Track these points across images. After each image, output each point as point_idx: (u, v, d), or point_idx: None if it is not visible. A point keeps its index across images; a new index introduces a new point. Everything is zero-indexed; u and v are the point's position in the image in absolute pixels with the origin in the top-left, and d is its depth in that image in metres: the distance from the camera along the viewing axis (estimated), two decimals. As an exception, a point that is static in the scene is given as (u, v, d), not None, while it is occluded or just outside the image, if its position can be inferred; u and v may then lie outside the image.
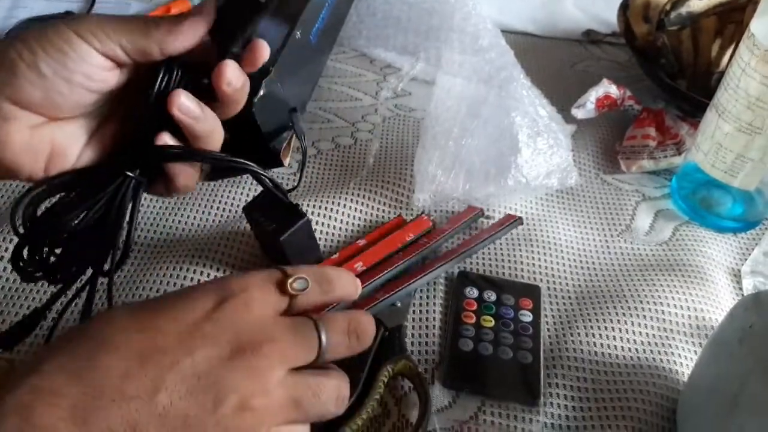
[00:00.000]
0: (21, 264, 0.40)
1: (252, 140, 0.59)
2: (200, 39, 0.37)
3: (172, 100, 0.37)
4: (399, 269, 0.51)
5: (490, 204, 0.59)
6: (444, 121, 0.59)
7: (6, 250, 0.51)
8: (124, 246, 0.40)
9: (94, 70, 0.36)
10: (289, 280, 0.34)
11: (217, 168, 0.60)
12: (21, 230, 0.39)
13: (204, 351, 0.31)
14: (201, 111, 0.38)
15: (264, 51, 0.39)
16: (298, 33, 0.62)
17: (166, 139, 0.38)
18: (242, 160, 0.42)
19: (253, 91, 0.55)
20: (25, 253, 0.39)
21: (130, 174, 0.38)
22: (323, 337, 0.34)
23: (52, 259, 0.40)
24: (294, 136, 0.62)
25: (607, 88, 0.66)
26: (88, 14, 0.36)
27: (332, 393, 0.34)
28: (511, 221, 0.57)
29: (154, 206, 0.57)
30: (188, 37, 0.37)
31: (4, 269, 0.50)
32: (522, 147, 0.57)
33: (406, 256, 0.52)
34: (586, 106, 0.65)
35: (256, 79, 0.56)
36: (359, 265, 0.52)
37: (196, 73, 0.39)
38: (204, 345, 0.31)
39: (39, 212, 0.39)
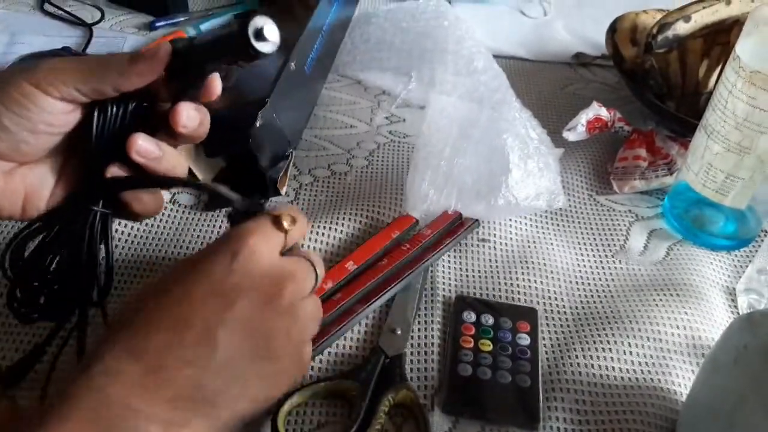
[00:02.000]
0: (16, 306, 0.42)
1: (249, 170, 0.60)
2: (154, 78, 0.38)
3: (130, 145, 0.39)
4: (375, 284, 0.53)
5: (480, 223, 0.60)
6: (436, 142, 0.60)
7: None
8: (107, 274, 0.42)
9: (54, 116, 0.38)
10: (283, 218, 0.37)
11: (213, 200, 0.61)
12: (9, 274, 0.41)
13: (240, 302, 0.34)
14: (160, 151, 0.40)
15: (216, 85, 0.41)
16: (293, 64, 0.63)
17: (116, 171, 0.40)
18: (197, 182, 0.44)
19: (250, 121, 0.57)
20: (18, 296, 0.41)
21: (95, 208, 0.40)
22: (318, 271, 0.39)
23: (44, 299, 0.42)
24: (290, 165, 0.63)
25: (597, 110, 0.67)
26: (43, 61, 0.38)
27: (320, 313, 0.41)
28: (470, 224, 0.59)
29: (133, 238, 0.57)
30: (141, 78, 0.38)
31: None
32: (513, 168, 0.58)
33: (391, 262, 0.54)
34: (577, 129, 0.66)
35: (252, 111, 0.57)
36: (350, 264, 0.53)
37: (152, 103, 0.40)
38: (237, 297, 0.34)
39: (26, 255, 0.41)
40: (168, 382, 0.32)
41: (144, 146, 0.39)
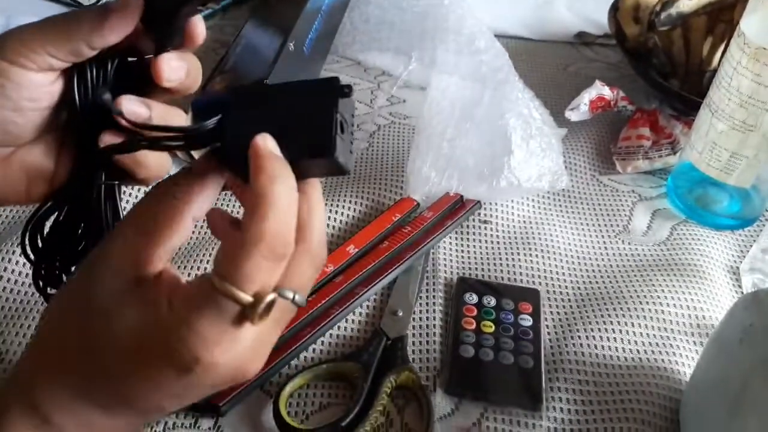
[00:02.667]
0: (42, 287, 0.40)
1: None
2: (130, 30, 0.35)
3: (117, 109, 0.35)
4: (376, 266, 0.52)
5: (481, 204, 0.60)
6: (437, 123, 0.60)
7: (4, 269, 0.51)
8: None
9: (35, 90, 0.35)
10: (258, 310, 0.28)
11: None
12: (31, 256, 0.40)
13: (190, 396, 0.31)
14: (148, 110, 0.36)
15: (198, 28, 0.36)
16: (291, 45, 0.63)
17: (109, 139, 0.36)
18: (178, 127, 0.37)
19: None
20: (43, 274, 0.40)
21: (98, 182, 0.38)
22: (298, 301, 0.30)
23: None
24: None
25: (600, 89, 0.67)
26: (6, 33, 0.34)
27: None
28: (471, 206, 0.59)
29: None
30: (115, 31, 0.34)
31: (4, 289, 0.50)
32: (515, 149, 0.57)
33: (392, 245, 0.54)
34: (580, 108, 0.66)
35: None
36: (351, 248, 0.53)
37: (137, 57, 0.37)
38: (189, 396, 0.31)
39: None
40: None
41: (130, 108, 0.35)
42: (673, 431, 0.43)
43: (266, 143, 0.29)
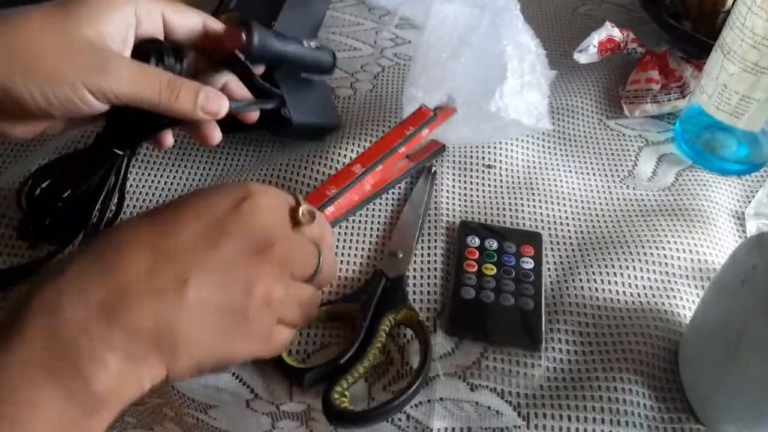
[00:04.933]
0: (26, 233, 0.45)
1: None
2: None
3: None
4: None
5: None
6: (435, 50, 0.58)
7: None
8: (117, 208, 0.46)
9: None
10: (301, 208, 0.37)
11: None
12: (24, 206, 0.44)
13: (229, 244, 0.32)
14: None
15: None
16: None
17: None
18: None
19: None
20: (30, 227, 0.45)
21: (119, 152, 0.44)
22: (322, 261, 0.37)
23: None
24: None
25: (610, 31, 0.65)
26: (106, 60, 0.39)
27: (315, 309, 0.39)
28: (436, 148, 0.58)
29: (146, 164, 0.57)
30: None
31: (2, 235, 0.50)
32: (509, 75, 0.56)
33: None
34: (589, 50, 0.64)
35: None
36: (357, 168, 0.53)
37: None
38: (228, 239, 0.33)
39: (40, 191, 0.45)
40: (130, 309, 0.29)
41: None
42: (671, 371, 0.44)
43: None
